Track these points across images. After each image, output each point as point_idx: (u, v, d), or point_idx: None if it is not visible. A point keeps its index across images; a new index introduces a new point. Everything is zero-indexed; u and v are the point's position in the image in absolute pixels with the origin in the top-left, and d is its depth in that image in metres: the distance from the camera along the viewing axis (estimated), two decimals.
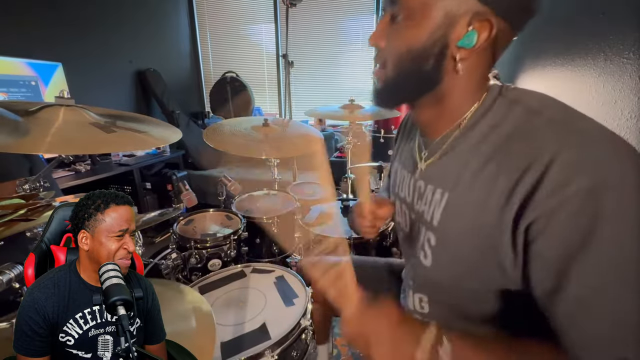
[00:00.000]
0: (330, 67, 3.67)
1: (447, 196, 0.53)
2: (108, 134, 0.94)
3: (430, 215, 0.56)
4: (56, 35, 2.32)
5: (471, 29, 0.45)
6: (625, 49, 0.98)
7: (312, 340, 1.06)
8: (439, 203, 0.54)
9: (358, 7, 3.44)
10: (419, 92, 0.54)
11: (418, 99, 0.55)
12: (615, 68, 1.02)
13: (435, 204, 0.55)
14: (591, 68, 1.13)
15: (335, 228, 1.52)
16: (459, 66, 0.48)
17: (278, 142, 1.64)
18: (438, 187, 0.55)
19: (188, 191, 1.62)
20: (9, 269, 0.85)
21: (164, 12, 3.48)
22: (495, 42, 0.47)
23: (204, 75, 4.03)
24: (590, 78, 1.13)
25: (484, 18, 0.44)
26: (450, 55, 0.48)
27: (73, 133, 0.90)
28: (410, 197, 0.63)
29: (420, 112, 0.58)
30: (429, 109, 0.56)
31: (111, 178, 2.44)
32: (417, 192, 0.61)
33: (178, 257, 1.40)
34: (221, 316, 1.03)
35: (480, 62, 0.49)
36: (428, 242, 0.57)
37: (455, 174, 0.52)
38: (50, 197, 1.08)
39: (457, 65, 0.48)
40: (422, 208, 0.59)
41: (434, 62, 0.49)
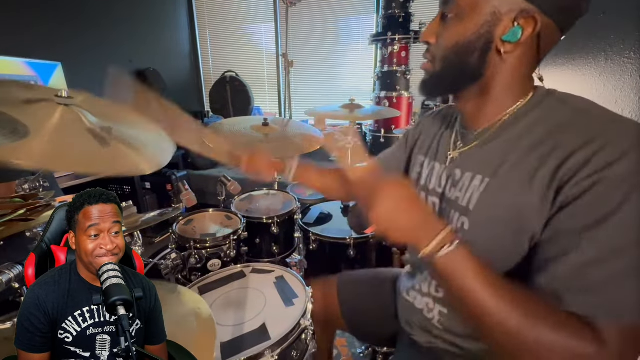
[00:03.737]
0: (330, 67, 3.66)
1: (487, 181, 0.55)
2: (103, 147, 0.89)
3: (467, 201, 0.58)
4: (56, 34, 2.32)
5: (516, 25, 0.48)
6: (626, 49, 0.98)
7: (312, 340, 1.06)
8: (478, 188, 0.56)
9: (358, 7, 3.44)
10: (464, 84, 0.57)
11: (462, 90, 0.59)
12: (616, 67, 1.02)
13: (474, 189, 0.57)
14: (592, 67, 1.13)
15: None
16: (503, 59, 0.52)
17: (278, 142, 1.64)
18: (478, 174, 0.57)
19: (188, 191, 1.62)
20: (9, 269, 0.85)
21: (164, 11, 3.47)
22: (540, 40, 0.50)
23: (203, 75, 4.02)
24: (591, 77, 1.13)
25: (529, 15, 0.47)
26: (495, 49, 0.51)
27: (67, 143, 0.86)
28: (441, 186, 0.66)
29: (465, 103, 0.61)
30: (472, 102, 0.59)
31: (111, 178, 2.44)
32: (450, 180, 0.63)
33: (178, 257, 1.40)
34: (221, 316, 1.03)
35: (525, 59, 0.52)
36: (462, 227, 0.59)
37: (497, 161, 0.55)
38: (50, 197, 1.08)
39: (502, 58, 0.52)
40: (457, 195, 0.61)
41: (479, 55, 0.52)
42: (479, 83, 0.55)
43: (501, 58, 0.52)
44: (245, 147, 0.86)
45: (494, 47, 0.51)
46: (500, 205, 0.53)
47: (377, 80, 2.79)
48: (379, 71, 2.74)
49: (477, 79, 0.55)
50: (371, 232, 0.47)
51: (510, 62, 0.52)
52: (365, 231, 0.45)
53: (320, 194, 1.00)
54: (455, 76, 0.57)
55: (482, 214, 0.56)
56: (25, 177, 1.10)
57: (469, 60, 0.53)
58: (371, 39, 2.73)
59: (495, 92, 0.55)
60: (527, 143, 0.51)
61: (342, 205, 1.77)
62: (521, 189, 0.50)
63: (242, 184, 1.83)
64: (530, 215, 0.49)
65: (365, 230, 0.53)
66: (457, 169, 0.62)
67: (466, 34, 0.52)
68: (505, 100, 0.55)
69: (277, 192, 1.98)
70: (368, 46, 3.06)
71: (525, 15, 0.47)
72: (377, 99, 2.76)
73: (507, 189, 0.52)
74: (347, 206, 1.76)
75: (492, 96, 0.56)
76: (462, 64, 0.54)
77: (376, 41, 2.70)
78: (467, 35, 0.52)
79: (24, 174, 1.13)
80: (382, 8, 2.66)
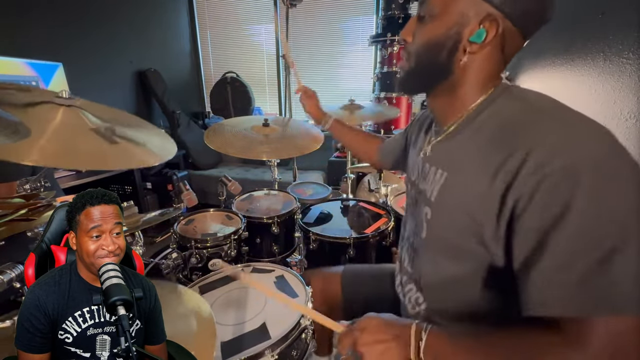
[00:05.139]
0: (330, 67, 3.67)
1: (445, 175, 0.60)
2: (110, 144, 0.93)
3: (430, 193, 0.63)
4: (56, 35, 2.33)
5: (481, 27, 0.52)
6: (624, 49, 0.98)
7: (312, 339, 1.06)
8: (438, 181, 0.61)
9: (358, 7, 3.44)
10: (434, 80, 0.61)
11: (433, 88, 0.63)
12: (614, 68, 1.02)
13: (436, 182, 0.62)
14: (590, 68, 1.13)
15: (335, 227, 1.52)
16: (466, 58, 0.55)
17: (278, 143, 1.65)
18: (439, 168, 0.62)
19: (188, 191, 1.62)
20: (9, 269, 0.85)
21: (165, 12, 3.48)
22: (504, 43, 0.54)
23: (204, 75, 4.03)
24: (589, 78, 1.13)
25: (493, 19, 0.51)
26: (462, 49, 0.55)
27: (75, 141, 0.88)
28: (417, 178, 0.71)
29: (434, 101, 0.65)
30: (442, 99, 0.63)
31: (112, 178, 2.45)
32: (422, 173, 0.68)
33: (178, 256, 1.40)
34: (221, 316, 1.03)
35: (491, 58, 0.56)
36: (425, 216, 0.64)
37: (455, 156, 0.59)
38: (50, 197, 1.09)
39: (466, 57, 0.55)
40: (425, 187, 0.66)
41: (447, 54, 0.56)
42: (448, 81, 0.59)
43: (468, 57, 0.55)
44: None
45: (462, 47, 0.55)
46: (453, 197, 0.58)
47: (376, 81, 2.79)
48: (379, 72, 2.75)
49: (446, 77, 0.58)
50: None
51: (477, 61, 0.56)
52: None
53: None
54: (426, 73, 0.61)
55: (440, 205, 0.61)
56: (26, 177, 1.11)
57: (438, 58, 0.57)
58: (371, 40, 2.74)
59: (463, 90, 0.59)
60: (480, 138, 0.55)
61: (342, 205, 1.77)
62: (471, 183, 0.54)
63: (242, 184, 1.84)
64: (477, 208, 0.52)
65: None
66: (427, 163, 0.67)
67: (437, 33, 0.56)
68: (471, 97, 0.58)
69: (278, 192, 1.99)
70: (368, 47, 3.06)
71: (490, 19, 0.51)
72: (377, 99, 2.76)
73: (459, 183, 0.57)
74: (347, 206, 1.77)
75: (459, 93, 0.59)
76: (432, 61, 0.58)
77: (376, 42, 2.70)
78: (437, 35, 0.56)
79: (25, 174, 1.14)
80: (382, 9, 2.67)
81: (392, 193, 1.82)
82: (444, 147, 0.63)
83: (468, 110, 0.59)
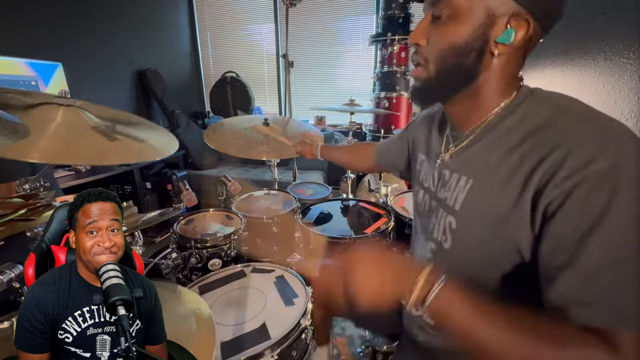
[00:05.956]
0: (330, 67, 3.66)
1: (471, 182, 0.57)
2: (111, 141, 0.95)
3: (453, 201, 0.59)
4: (56, 35, 2.32)
5: (509, 27, 0.49)
6: (625, 49, 0.98)
7: (312, 339, 1.06)
8: (463, 189, 0.58)
9: (358, 7, 3.44)
10: (458, 87, 0.57)
11: (456, 94, 0.58)
12: (615, 68, 1.02)
13: (459, 190, 0.58)
14: (591, 68, 1.13)
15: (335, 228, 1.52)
16: (495, 61, 0.52)
17: (278, 143, 1.64)
18: (463, 175, 0.58)
19: (188, 191, 1.62)
20: (9, 269, 0.85)
21: (164, 11, 3.48)
22: (529, 44, 0.52)
23: (204, 75, 4.03)
24: (590, 78, 1.13)
25: (522, 18, 0.48)
26: (488, 51, 0.52)
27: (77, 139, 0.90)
28: (434, 185, 0.67)
29: (454, 106, 0.61)
30: (463, 104, 0.59)
31: (111, 178, 2.44)
32: (441, 181, 0.64)
33: (178, 256, 1.40)
34: (221, 316, 1.03)
35: (513, 60, 0.53)
36: (449, 226, 0.60)
37: (480, 163, 0.56)
38: (50, 196, 1.08)
39: (494, 60, 0.52)
40: (445, 195, 0.62)
41: (475, 57, 0.52)
42: (471, 86, 0.55)
43: (493, 60, 0.52)
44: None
45: (488, 48, 0.51)
46: (483, 205, 0.54)
47: (376, 80, 2.79)
48: (379, 71, 2.74)
49: (471, 81, 0.55)
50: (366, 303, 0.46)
51: (500, 64, 0.53)
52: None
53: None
54: (450, 79, 0.56)
55: (467, 214, 0.57)
56: (25, 177, 1.10)
57: (465, 62, 0.53)
58: (371, 40, 2.73)
59: (485, 94, 0.56)
60: (509, 143, 0.52)
61: (342, 205, 1.77)
62: (501, 190, 0.51)
63: (242, 184, 1.84)
64: (509, 216, 0.50)
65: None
66: (446, 170, 0.63)
67: (463, 34, 0.51)
68: (493, 101, 0.56)
69: (277, 192, 1.98)
70: (368, 47, 3.06)
71: (517, 18, 0.48)
72: (377, 99, 2.76)
73: (488, 190, 0.53)
74: (347, 206, 1.77)
75: (481, 98, 0.56)
76: (459, 65, 0.53)
77: (376, 42, 2.70)
78: (464, 36, 0.51)
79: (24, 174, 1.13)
80: (382, 9, 2.66)
81: (392, 193, 1.82)
82: (466, 154, 0.59)
83: (491, 114, 0.56)
